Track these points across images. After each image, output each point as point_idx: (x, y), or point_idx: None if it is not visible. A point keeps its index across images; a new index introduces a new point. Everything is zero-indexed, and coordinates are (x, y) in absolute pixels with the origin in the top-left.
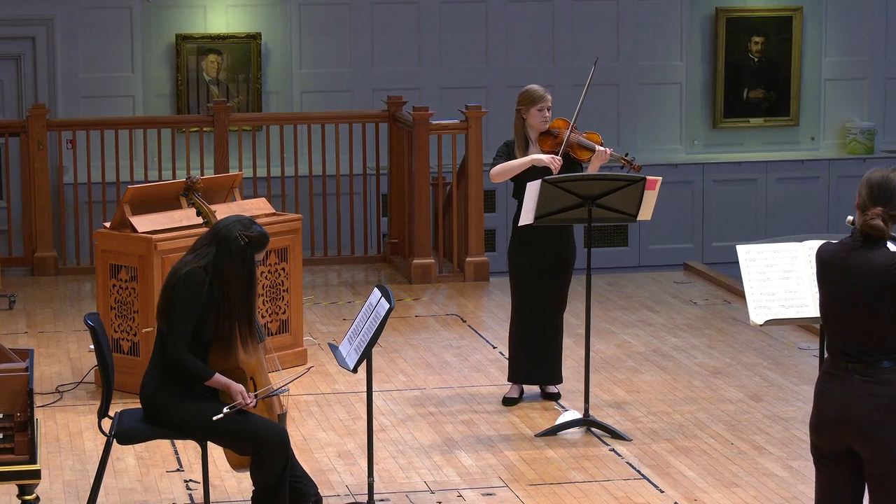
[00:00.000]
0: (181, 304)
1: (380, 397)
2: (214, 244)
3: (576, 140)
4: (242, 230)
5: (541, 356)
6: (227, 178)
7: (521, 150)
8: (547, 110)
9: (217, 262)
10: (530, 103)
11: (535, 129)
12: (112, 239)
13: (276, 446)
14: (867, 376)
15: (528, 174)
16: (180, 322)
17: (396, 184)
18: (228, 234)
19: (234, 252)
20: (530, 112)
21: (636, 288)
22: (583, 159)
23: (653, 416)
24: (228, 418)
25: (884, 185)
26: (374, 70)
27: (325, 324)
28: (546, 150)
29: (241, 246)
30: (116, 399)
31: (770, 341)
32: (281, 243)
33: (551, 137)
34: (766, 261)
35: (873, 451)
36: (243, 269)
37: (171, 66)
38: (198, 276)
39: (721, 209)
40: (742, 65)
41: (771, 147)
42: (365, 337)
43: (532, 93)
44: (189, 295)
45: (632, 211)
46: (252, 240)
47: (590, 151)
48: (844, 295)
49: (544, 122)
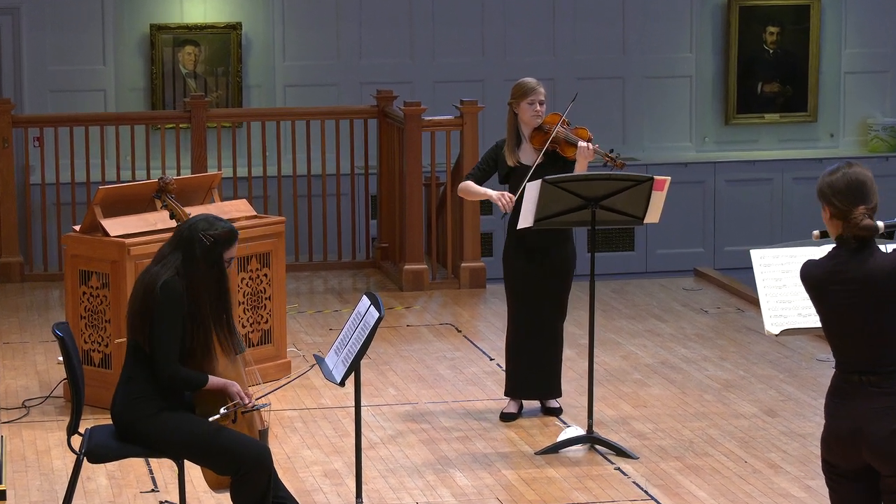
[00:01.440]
0: (165, 319)
1: (369, 412)
2: (179, 250)
3: (563, 136)
4: (206, 229)
5: (539, 369)
6: (205, 178)
7: (513, 148)
8: (539, 104)
9: (185, 268)
10: (521, 96)
11: (527, 124)
12: (82, 243)
13: (258, 465)
14: (883, 388)
15: (516, 174)
16: (167, 337)
17: (386, 184)
18: (192, 236)
19: (200, 255)
20: (521, 106)
21: (643, 295)
22: (569, 156)
23: (661, 432)
24: (206, 434)
25: (854, 185)
26: (363, 62)
27: (310, 334)
28: (536, 146)
29: (207, 247)
30: (87, 414)
31: (786, 352)
32: (263, 248)
33: (542, 133)
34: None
35: (892, 467)
36: (212, 272)
37: (146, 58)
38: (176, 286)
39: (734, 211)
40: (756, 56)
41: (787, 145)
42: (353, 348)
43: (523, 85)
44: (171, 308)
45: (638, 213)
46: (218, 238)
47: (574, 148)
48: (847, 309)
49: (536, 116)
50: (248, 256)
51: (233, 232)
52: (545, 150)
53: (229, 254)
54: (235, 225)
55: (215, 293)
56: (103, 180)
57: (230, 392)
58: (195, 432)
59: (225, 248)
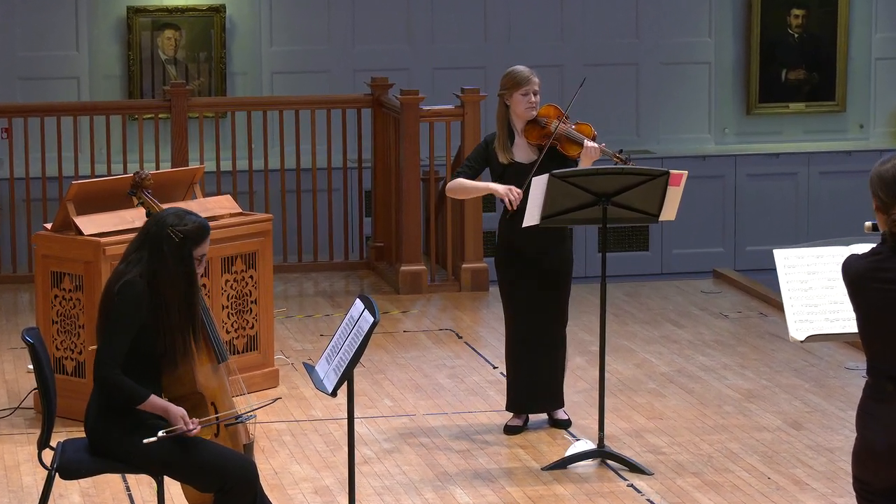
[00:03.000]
0: (118, 318)
1: (363, 425)
2: (146, 248)
3: (564, 132)
4: (175, 224)
5: (540, 380)
6: (187, 172)
7: (505, 144)
8: (533, 95)
9: (151, 266)
10: (513, 87)
11: (521, 117)
12: (53, 242)
13: (243, 481)
14: None
15: (510, 173)
16: (114, 336)
17: (382, 179)
18: (159, 232)
19: (167, 253)
20: (514, 97)
21: (658, 299)
22: (572, 156)
23: (677, 446)
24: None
25: None
26: (356, 48)
27: (299, 340)
28: (532, 142)
29: (175, 244)
30: (59, 427)
31: (813, 360)
32: (249, 248)
33: (538, 128)
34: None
35: None
36: (181, 270)
37: (122, 43)
38: (136, 286)
39: (756, 208)
40: (780, 41)
41: (813, 136)
42: (345, 355)
43: (515, 75)
44: (126, 307)
45: (653, 210)
46: (187, 234)
47: (578, 146)
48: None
49: (530, 108)
50: (232, 257)
51: (203, 227)
52: (546, 147)
53: (200, 251)
54: (219, 223)
55: (184, 294)
56: (76, 175)
57: (171, 417)
58: (175, 446)
59: (195, 245)
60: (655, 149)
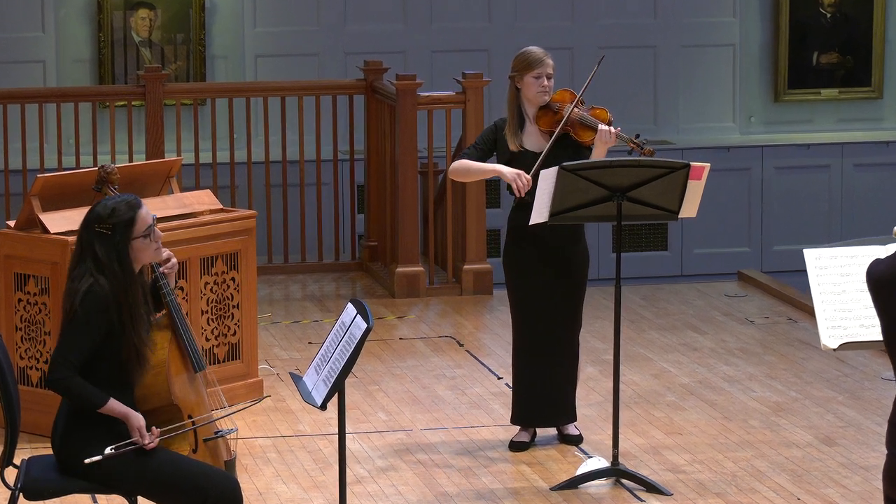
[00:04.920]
0: (79, 321)
1: (355, 441)
2: (87, 258)
3: (578, 117)
4: (99, 221)
5: (550, 392)
6: (162, 164)
7: (515, 130)
8: (547, 78)
9: (99, 273)
10: (525, 69)
11: (533, 102)
12: (17, 241)
13: (224, 501)
14: None
15: (519, 162)
16: (73, 338)
17: (376, 172)
18: (89, 237)
19: (105, 253)
20: (525, 80)
21: (678, 303)
22: (585, 141)
23: (699, 464)
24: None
25: None
26: (348, 29)
27: (285, 349)
28: (544, 128)
29: (109, 240)
30: (23, 443)
31: (846, 370)
32: (230, 247)
33: (551, 113)
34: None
35: None
36: (125, 265)
37: (92, 23)
38: (98, 293)
39: (785, 203)
40: (811, 22)
41: (847, 125)
42: (336, 365)
43: (527, 56)
44: (89, 313)
45: (672, 206)
46: (116, 225)
47: (592, 132)
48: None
49: (543, 92)
50: (212, 257)
51: (130, 203)
52: (556, 134)
53: (140, 227)
54: (198, 220)
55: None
56: (42, 167)
57: (130, 425)
58: (150, 463)
59: (130, 227)
60: (675, 139)
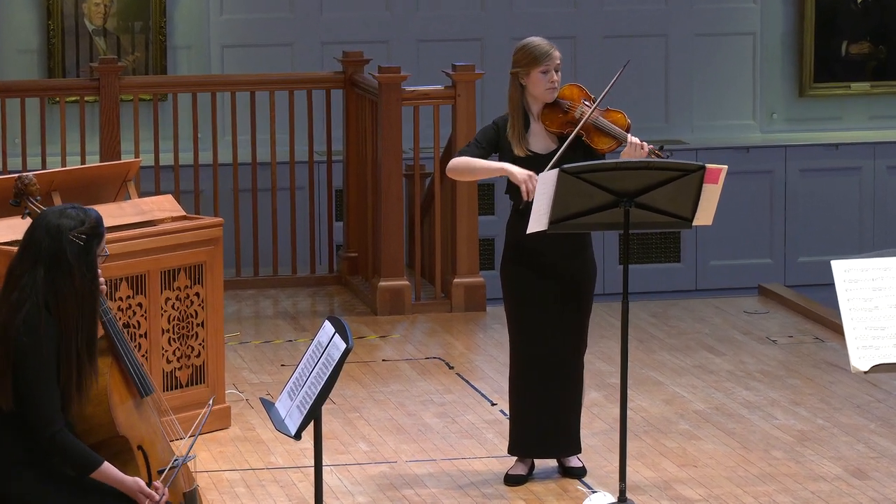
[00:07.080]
0: (38, 364)
1: (333, 474)
2: (40, 264)
3: (594, 121)
4: (74, 227)
5: (551, 419)
6: (118, 167)
7: (521, 132)
8: (555, 72)
9: (53, 286)
10: (531, 64)
11: (539, 99)
12: None
13: None
14: None
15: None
16: (43, 387)
17: (356, 175)
18: (58, 244)
19: (73, 264)
20: (531, 76)
21: (692, 321)
22: (600, 149)
23: (715, 499)
24: None
25: None
26: (325, 16)
27: (255, 371)
28: (552, 129)
29: (81, 250)
30: None
31: (879, 395)
32: (194, 258)
33: (560, 113)
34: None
35: None
36: (87, 280)
37: (40, 10)
38: (42, 319)
39: (810, 210)
40: (840, 8)
41: (880, 123)
42: (312, 390)
43: (532, 49)
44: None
45: (686, 213)
46: (89, 233)
47: (611, 140)
48: None
49: (551, 89)
50: (174, 270)
51: (97, 217)
52: (571, 139)
53: (101, 246)
54: (158, 229)
55: (88, 306)
56: None
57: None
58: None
59: (98, 242)
60: (688, 138)
